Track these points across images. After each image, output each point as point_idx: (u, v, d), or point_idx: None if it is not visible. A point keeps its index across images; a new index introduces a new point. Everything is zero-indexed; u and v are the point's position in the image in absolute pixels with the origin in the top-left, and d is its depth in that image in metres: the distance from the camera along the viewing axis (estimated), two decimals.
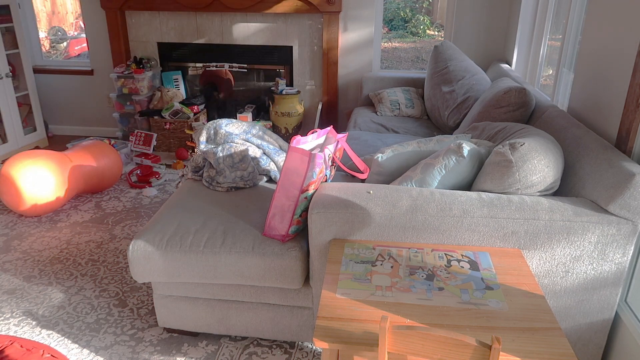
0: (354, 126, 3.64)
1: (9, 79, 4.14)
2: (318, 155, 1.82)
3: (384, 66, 8.50)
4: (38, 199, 3.13)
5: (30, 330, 2.25)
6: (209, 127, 2.54)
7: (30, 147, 4.46)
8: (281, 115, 4.25)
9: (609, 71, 2.03)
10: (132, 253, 1.99)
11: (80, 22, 7.77)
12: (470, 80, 3.41)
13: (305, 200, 1.90)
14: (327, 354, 1.39)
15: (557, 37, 3.18)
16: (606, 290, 1.78)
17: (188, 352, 2.12)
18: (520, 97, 2.53)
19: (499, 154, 1.80)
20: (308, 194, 1.88)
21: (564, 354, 1.26)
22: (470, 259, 1.65)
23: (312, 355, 2.12)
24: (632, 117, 1.81)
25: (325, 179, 2.04)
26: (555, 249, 1.72)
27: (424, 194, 1.79)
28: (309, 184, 1.85)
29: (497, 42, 4.09)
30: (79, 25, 7.79)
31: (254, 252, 1.92)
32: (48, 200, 3.17)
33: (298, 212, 1.91)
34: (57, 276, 2.65)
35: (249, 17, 4.29)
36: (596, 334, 1.85)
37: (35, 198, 3.12)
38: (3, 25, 4.10)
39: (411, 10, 11.61)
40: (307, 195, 1.88)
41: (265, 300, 2.04)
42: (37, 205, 3.16)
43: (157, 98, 4.43)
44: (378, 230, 1.76)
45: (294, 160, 1.84)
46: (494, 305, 1.43)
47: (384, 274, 1.56)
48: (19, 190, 3.08)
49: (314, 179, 1.86)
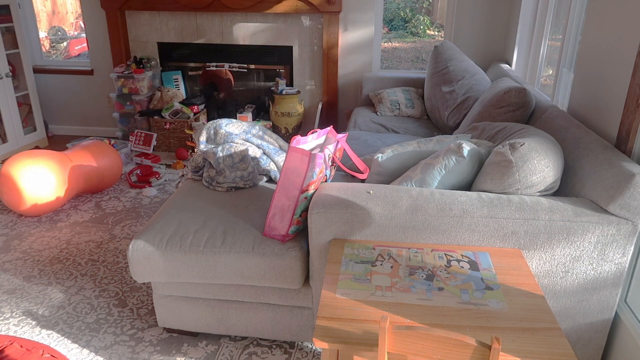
0: (354, 126, 3.64)
1: (9, 79, 4.14)
2: (318, 156, 1.82)
3: (384, 66, 8.50)
4: (38, 199, 3.13)
5: (30, 330, 2.25)
6: (209, 127, 2.54)
7: (30, 147, 4.46)
8: (281, 115, 4.25)
9: (609, 71, 2.03)
10: (132, 253, 1.99)
11: (80, 22, 7.77)
12: (470, 81, 3.41)
13: (305, 200, 1.90)
14: (327, 354, 1.39)
15: (557, 37, 3.18)
16: (606, 291, 1.78)
17: (188, 352, 2.12)
18: (520, 97, 2.53)
19: (499, 154, 1.80)
20: (308, 194, 1.88)
21: (564, 354, 1.26)
22: (470, 259, 1.65)
23: (312, 355, 2.12)
24: (632, 117, 1.81)
25: (325, 179, 2.04)
26: (555, 249, 1.72)
27: (424, 194, 1.79)
28: (309, 184, 1.85)
29: (497, 42, 4.09)
30: (79, 25, 7.79)
31: (254, 252, 1.92)
32: (48, 200, 3.17)
33: (298, 212, 1.91)
34: (57, 276, 2.65)
35: (249, 17, 4.29)
36: (596, 334, 1.85)
37: (35, 198, 3.12)
38: (3, 25, 4.10)
39: (411, 10, 11.62)
40: (307, 195, 1.88)
41: (265, 300, 2.04)
42: (37, 205, 3.16)
43: (157, 98, 4.43)
44: (378, 230, 1.76)
45: (294, 160, 1.84)
46: (493, 305, 1.43)
47: (383, 274, 1.56)
48: (19, 190, 3.08)
49: (314, 179, 1.86)
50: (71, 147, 3.74)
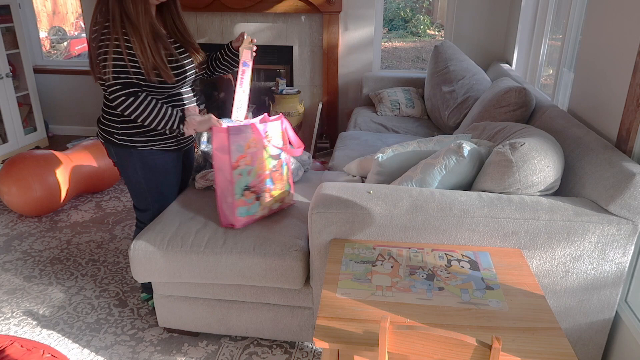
0: (354, 126, 3.64)
1: (9, 79, 4.14)
2: (235, 128, 1.87)
3: (384, 66, 8.50)
4: (38, 199, 3.13)
5: (31, 330, 2.26)
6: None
7: (30, 147, 4.46)
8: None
9: (609, 71, 2.03)
10: (133, 253, 1.99)
11: (80, 22, 7.77)
12: (470, 80, 3.41)
13: (240, 177, 1.91)
14: (327, 354, 1.39)
15: (557, 37, 3.18)
16: (606, 290, 1.78)
17: (188, 352, 2.12)
18: (520, 97, 2.53)
19: (499, 153, 1.80)
20: (242, 169, 1.91)
21: (564, 354, 1.26)
22: (471, 259, 1.65)
23: (312, 355, 2.12)
24: (632, 117, 1.81)
25: (281, 161, 2.07)
26: (556, 249, 1.72)
27: (424, 193, 1.79)
28: (237, 159, 1.88)
29: (497, 42, 4.09)
30: (80, 25, 7.79)
31: (255, 253, 1.92)
32: (48, 201, 3.17)
33: (238, 191, 1.91)
34: (58, 276, 2.65)
35: (249, 17, 4.29)
36: (596, 333, 1.85)
37: (35, 198, 3.12)
38: (3, 25, 4.10)
39: (411, 10, 11.62)
40: (241, 171, 1.91)
41: (266, 300, 2.04)
42: (37, 206, 3.16)
43: None
44: (378, 230, 1.76)
45: (217, 141, 1.91)
46: (494, 305, 1.43)
47: (384, 274, 1.57)
48: (20, 191, 3.08)
49: (242, 153, 1.89)
50: (71, 147, 3.74)
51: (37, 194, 3.12)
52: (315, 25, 4.23)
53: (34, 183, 3.10)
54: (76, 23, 7.89)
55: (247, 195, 1.95)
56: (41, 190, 3.13)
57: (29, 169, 3.09)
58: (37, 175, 3.10)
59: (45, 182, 3.13)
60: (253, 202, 1.99)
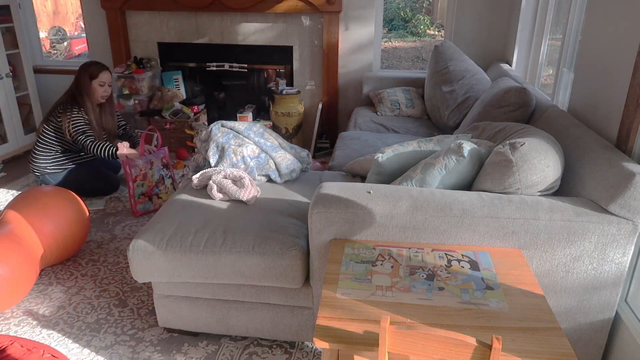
0: (354, 126, 3.64)
1: (9, 79, 4.14)
2: (132, 161, 3.14)
3: (384, 66, 8.50)
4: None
5: (31, 330, 2.26)
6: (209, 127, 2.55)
7: (30, 147, 4.45)
8: (281, 115, 4.25)
9: (609, 71, 2.03)
10: (132, 253, 1.99)
11: (80, 22, 7.77)
12: (470, 80, 3.41)
13: (137, 188, 3.21)
14: (327, 354, 1.39)
15: (557, 37, 3.18)
16: (606, 290, 1.78)
17: (188, 352, 2.12)
18: (520, 97, 2.53)
19: (499, 153, 1.80)
20: (138, 183, 3.19)
21: (564, 353, 1.26)
22: (471, 259, 1.65)
23: (312, 355, 2.12)
24: (632, 117, 1.81)
25: (161, 175, 3.30)
26: (556, 249, 1.72)
27: (424, 193, 1.79)
28: (135, 176, 3.17)
29: (497, 42, 4.09)
30: (80, 25, 7.79)
31: (254, 252, 1.92)
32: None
33: (137, 195, 3.21)
34: (58, 276, 2.65)
35: (249, 17, 4.29)
36: (596, 333, 1.85)
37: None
38: (3, 25, 4.10)
39: (411, 10, 11.62)
40: (137, 184, 3.20)
41: (266, 300, 2.04)
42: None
43: (157, 98, 4.43)
44: (378, 230, 1.76)
45: (127, 164, 3.15)
46: (494, 305, 1.43)
47: (384, 274, 1.56)
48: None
49: (138, 173, 3.17)
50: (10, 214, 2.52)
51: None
52: (315, 26, 4.23)
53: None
54: (76, 23, 7.89)
55: (142, 199, 3.24)
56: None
57: None
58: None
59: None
60: (147, 202, 3.26)
